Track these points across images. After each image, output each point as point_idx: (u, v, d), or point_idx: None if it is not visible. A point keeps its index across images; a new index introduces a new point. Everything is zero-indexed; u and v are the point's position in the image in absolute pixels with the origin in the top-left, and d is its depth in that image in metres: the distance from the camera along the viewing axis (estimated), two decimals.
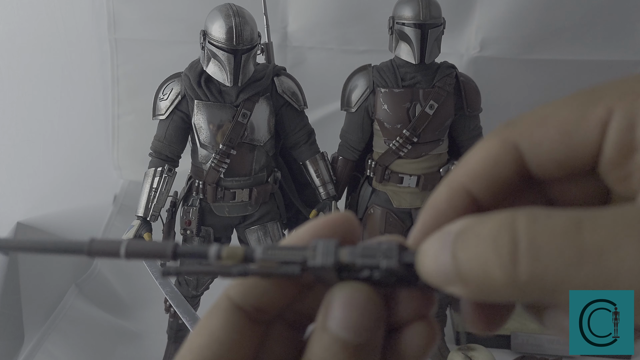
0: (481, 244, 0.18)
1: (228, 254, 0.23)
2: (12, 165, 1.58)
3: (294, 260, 0.22)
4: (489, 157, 0.22)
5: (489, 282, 0.18)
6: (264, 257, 0.23)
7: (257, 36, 1.16)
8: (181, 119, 1.21)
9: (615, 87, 0.20)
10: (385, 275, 0.22)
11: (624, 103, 0.20)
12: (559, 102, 0.21)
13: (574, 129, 0.20)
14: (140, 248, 0.24)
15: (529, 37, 1.57)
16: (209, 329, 0.24)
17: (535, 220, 0.18)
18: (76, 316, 1.41)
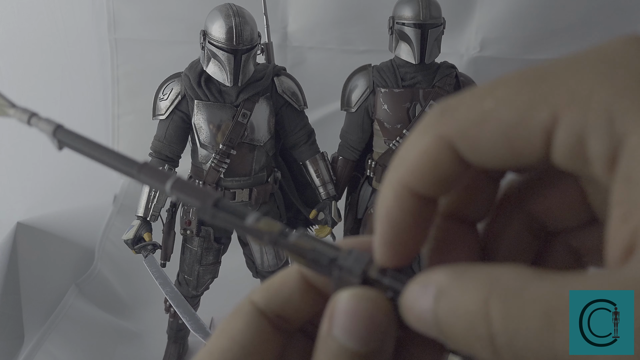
0: (459, 318, 0.17)
1: (265, 224, 0.23)
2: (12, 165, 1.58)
3: (325, 254, 0.22)
4: (426, 156, 0.20)
5: (469, 345, 0.17)
6: (298, 242, 0.22)
7: (257, 36, 1.16)
8: (181, 119, 1.22)
9: (563, 85, 0.18)
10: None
11: (572, 112, 0.17)
12: (500, 91, 0.19)
13: (514, 134, 0.18)
14: (186, 187, 0.23)
15: (529, 37, 1.57)
16: (230, 333, 0.23)
17: (509, 311, 0.16)
18: (76, 316, 1.41)
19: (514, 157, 0.19)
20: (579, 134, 0.17)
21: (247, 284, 1.49)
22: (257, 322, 0.23)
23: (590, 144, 0.17)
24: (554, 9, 1.54)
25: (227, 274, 1.36)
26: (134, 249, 1.20)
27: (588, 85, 0.17)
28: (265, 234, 0.23)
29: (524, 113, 0.18)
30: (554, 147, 0.17)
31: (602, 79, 0.17)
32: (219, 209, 0.23)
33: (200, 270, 1.28)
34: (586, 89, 0.17)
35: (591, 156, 0.17)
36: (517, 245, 0.23)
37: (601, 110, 0.17)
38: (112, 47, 1.61)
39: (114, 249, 1.63)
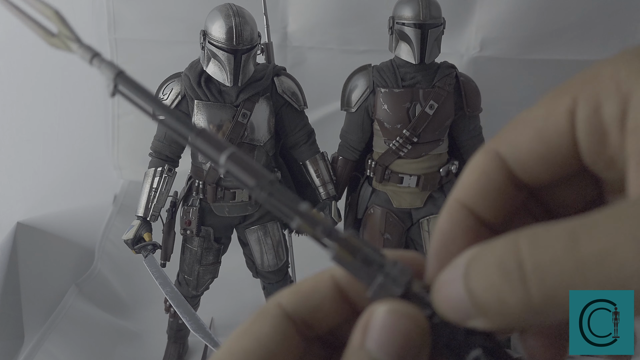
0: (491, 273, 0.18)
1: (317, 214, 0.22)
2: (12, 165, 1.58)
3: (375, 257, 0.21)
4: (477, 170, 0.22)
5: (507, 310, 0.17)
6: (350, 238, 0.21)
7: (257, 36, 1.16)
8: None
9: (580, 76, 0.20)
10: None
11: (587, 88, 0.20)
12: (536, 104, 0.22)
13: (544, 124, 0.20)
14: (241, 163, 0.22)
15: (529, 37, 1.57)
16: (255, 334, 0.23)
17: (536, 240, 0.17)
18: (76, 316, 1.41)
19: (548, 152, 0.20)
20: (594, 105, 0.19)
21: (247, 284, 1.49)
22: (284, 326, 0.23)
23: (604, 110, 0.19)
24: (554, 9, 1.54)
25: (227, 274, 1.35)
26: (134, 249, 1.20)
27: (597, 69, 0.20)
28: (319, 224, 0.22)
29: (551, 105, 0.21)
30: (577, 127, 0.20)
31: (608, 62, 0.20)
32: (274, 191, 0.22)
33: (200, 270, 1.28)
34: (595, 71, 0.20)
35: (606, 122, 0.19)
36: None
37: (609, 80, 0.19)
38: (112, 47, 1.61)
39: (114, 249, 1.63)
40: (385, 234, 1.29)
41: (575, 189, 0.22)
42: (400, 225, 1.29)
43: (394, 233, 1.29)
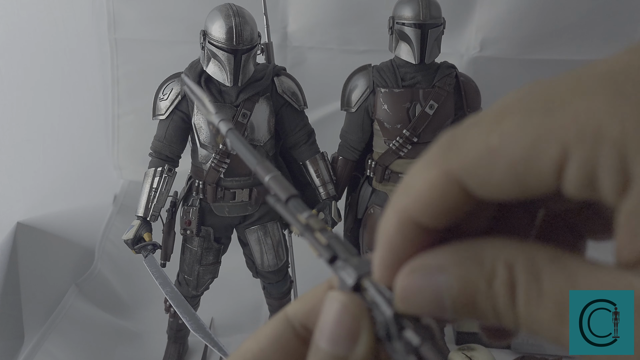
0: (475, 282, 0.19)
1: (314, 221, 0.24)
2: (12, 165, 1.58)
3: (335, 250, 0.23)
4: (432, 190, 0.20)
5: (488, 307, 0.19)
6: (321, 232, 0.24)
7: (257, 36, 1.16)
8: (181, 119, 1.22)
9: (571, 118, 0.17)
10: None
11: (583, 149, 0.17)
12: (506, 125, 0.19)
13: (523, 170, 0.18)
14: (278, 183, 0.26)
15: (529, 37, 1.57)
16: (257, 336, 0.25)
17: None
18: (76, 316, 1.41)
19: (523, 190, 0.19)
20: (590, 170, 0.17)
21: (247, 284, 1.49)
22: (281, 329, 0.24)
23: (602, 179, 0.17)
24: (554, 9, 1.54)
25: (227, 274, 1.35)
26: (133, 249, 1.20)
27: (597, 119, 0.17)
28: (309, 234, 0.24)
29: (533, 149, 0.18)
30: (564, 180, 0.18)
31: (611, 109, 0.17)
32: (288, 203, 0.25)
33: (200, 270, 1.28)
34: (595, 123, 0.17)
35: (601, 187, 0.17)
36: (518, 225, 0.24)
37: (613, 150, 0.17)
38: (112, 47, 1.61)
39: (114, 249, 1.63)
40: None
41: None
42: None
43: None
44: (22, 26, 1.52)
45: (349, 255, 0.23)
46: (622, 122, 0.17)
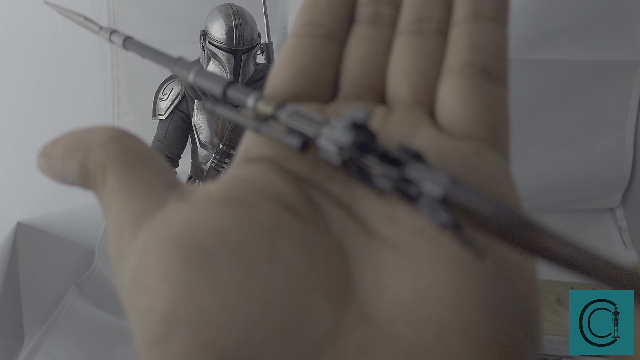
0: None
1: (263, 104, 0.22)
2: (12, 165, 1.58)
3: (304, 132, 0.21)
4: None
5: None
6: (285, 122, 0.21)
7: (257, 36, 1.16)
8: (181, 119, 1.22)
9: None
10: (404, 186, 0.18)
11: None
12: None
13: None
14: (205, 78, 0.25)
15: (530, 37, 1.56)
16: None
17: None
18: (76, 316, 1.40)
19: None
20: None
21: None
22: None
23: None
24: (555, 9, 1.54)
25: None
26: None
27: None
28: (250, 121, 0.24)
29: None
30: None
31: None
32: (226, 95, 0.25)
33: None
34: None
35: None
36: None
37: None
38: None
39: None
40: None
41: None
42: None
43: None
44: (21, 26, 1.52)
45: (318, 126, 0.20)
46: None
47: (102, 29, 0.29)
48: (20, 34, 1.52)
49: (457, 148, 0.21)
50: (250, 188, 0.20)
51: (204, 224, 0.18)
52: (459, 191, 0.17)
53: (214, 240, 0.18)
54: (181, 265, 0.17)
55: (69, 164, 0.22)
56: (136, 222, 0.19)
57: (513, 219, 0.16)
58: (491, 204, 0.16)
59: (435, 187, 0.17)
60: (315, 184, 0.21)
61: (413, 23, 0.23)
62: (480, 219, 0.16)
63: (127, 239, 0.19)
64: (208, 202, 0.19)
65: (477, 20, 0.22)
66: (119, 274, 0.19)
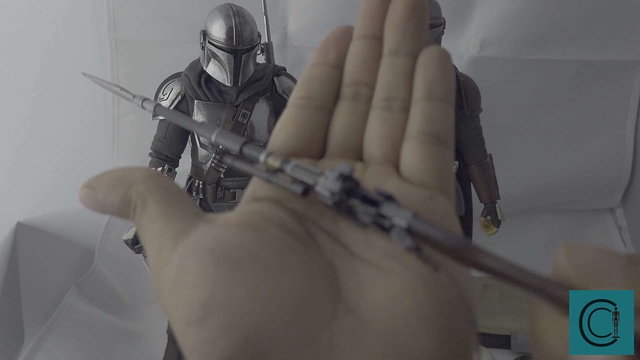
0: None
1: (272, 159, 0.28)
2: (12, 165, 1.58)
3: (305, 181, 0.27)
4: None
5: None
6: (290, 173, 0.27)
7: (257, 36, 1.16)
8: None
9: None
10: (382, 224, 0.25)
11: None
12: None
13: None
14: (225, 139, 0.30)
15: (530, 37, 1.56)
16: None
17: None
18: (76, 316, 1.40)
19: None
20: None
21: None
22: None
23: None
24: (555, 9, 1.54)
25: None
26: (134, 249, 1.19)
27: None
28: (262, 173, 0.28)
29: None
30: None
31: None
32: (243, 152, 0.29)
33: None
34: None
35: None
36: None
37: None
38: (112, 47, 1.61)
39: (114, 249, 1.62)
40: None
41: None
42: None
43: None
44: (21, 26, 1.52)
45: (316, 176, 0.26)
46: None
47: (135, 97, 0.36)
48: (20, 34, 1.52)
49: (415, 193, 0.27)
50: (262, 217, 0.27)
51: (229, 240, 0.25)
52: (419, 223, 0.23)
53: (238, 252, 0.24)
54: (214, 267, 0.23)
55: (112, 196, 0.27)
56: (175, 238, 0.25)
57: (459, 243, 0.22)
58: (443, 232, 0.22)
59: (402, 220, 0.23)
60: (309, 219, 0.28)
61: (384, 101, 0.30)
62: (435, 243, 0.23)
63: (168, 249, 0.25)
64: (229, 225, 0.26)
65: (429, 100, 0.29)
66: (160, 275, 0.25)
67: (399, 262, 0.25)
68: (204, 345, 0.22)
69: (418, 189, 0.28)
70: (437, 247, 0.23)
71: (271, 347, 0.22)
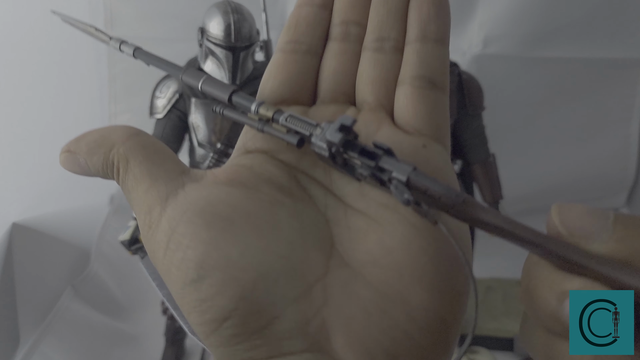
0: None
1: (264, 109, 0.27)
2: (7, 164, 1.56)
3: (301, 132, 0.26)
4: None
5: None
6: (283, 123, 0.27)
7: (255, 33, 1.15)
8: (178, 118, 1.20)
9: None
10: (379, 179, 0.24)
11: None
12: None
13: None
14: (212, 86, 0.30)
15: (533, 34, 1.55)
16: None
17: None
18: (72, 318, 1.39)
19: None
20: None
21: None
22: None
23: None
24: (558, 6, 1.52)
25: None
26: (130, 250, 1.18)
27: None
28: (254, 122, 0.28)
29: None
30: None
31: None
32: (232, 100, 0.29)
33: None
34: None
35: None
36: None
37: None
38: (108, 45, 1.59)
39: (110, 250, 1.61)
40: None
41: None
42: None
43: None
44: (16, 24, 1.51)
45: (311, 127, 0.26)
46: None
47: (112, 39, 0.34)
48: (14, 32, 1.50)
49: (409, 141, 0.27)
50: (251, 173, 0.27)
51: (218, 199, 0.25)
52: (418, 177, 0.23)
53: (228, 211, 0.24)
54: (206, 228, 0.23)
55: (93, 159, 0.27)
56: (163, 199, 0.25)
57: (457, 198, 0.22)
58: (441, 187, 0.22)
59: (401, 174, 0.23)
60: (301, 170, 0.28)
61: (375, 41, 0.29)
62: (432, 197, 0.22)
63: (157, 212, 0.25)
64: (217, 183, 0.26)
65: (424, 41, 0.28)
66: (151, 237, 0.25)
67: (392, 213, 0.25)
68: (202, 304, 0.23)
69: (412, 138, 0.27)
70: (435, 201, 0.22)
71: (267, 302, 0.22)
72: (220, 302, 0.22)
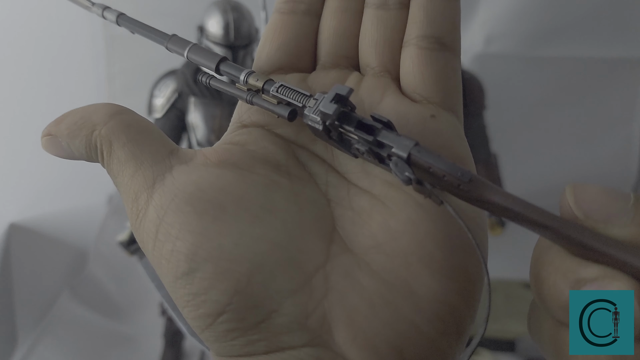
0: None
1: (254, 79, 0.25)
2: (5, 165, 1.56)
3: (293, 104, 0.24)
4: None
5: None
6: (274, 94, 0.25)
7: (255, 32, 1.14)
8: (177, 117, 1.20)
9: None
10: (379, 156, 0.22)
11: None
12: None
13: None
14: (198, 55, 0.27)
15: (535, 33, 1.54)
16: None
17: None
18: (70, 319, 1.39)
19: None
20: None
21: None
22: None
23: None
24: (560, 4, 1.51)
25: None
26: (128, 250, 1.17)
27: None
28: (243, 93, 0.26)
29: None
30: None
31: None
32: (220, 69, 0.27)
33: None
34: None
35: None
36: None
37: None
38: (107, 43, 1.59)
39: (108, 250, 1.60)
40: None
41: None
42: None
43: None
44: (14, 23, 1.50)
45: (304, 98, 0.24)
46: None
47: (95, 4, 0.31)
48: (12, 31, 1.50)
49: (415, 111, 0.25)
50: (244, 153, 0.25)
51: (209, 183, 0.23)
52: (420, 154, 0.21)
53: (220, 196, 0.22)
54: (196, 217, 0.22)
55: (75, 142, 0.26)
56: (150, 185, 0.23)
57: (462, 176, 0.19)
58: (445, 164, 0.20)
59: (402, 150, 0.21)
60: (300, 145, 0.26)
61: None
62: (436, 175, 0.20)
63: (144, 198, 0.23)
64: (208, 165, 0.24)
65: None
66: (139, 226, 0.23)
67: (398, 192, 0.23)
68: (194, 298, 0.21)
69: (419, 107, 0.25)
70: (438, 180, 0.20)
71: (264, 295, 0.21)
72: (214, 296, 0.21)
